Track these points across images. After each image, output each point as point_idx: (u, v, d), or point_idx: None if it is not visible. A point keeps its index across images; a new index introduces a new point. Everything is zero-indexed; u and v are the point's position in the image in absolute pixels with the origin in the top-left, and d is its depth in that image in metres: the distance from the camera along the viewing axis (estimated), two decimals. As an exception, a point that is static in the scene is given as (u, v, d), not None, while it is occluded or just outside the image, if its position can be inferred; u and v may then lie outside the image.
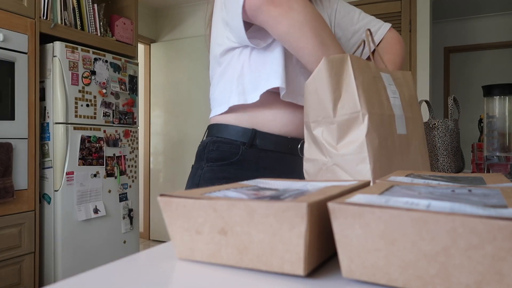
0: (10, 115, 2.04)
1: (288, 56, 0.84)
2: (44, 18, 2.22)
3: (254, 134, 0.84)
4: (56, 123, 2.24)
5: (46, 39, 2.30)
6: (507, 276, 0.24)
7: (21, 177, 2.08)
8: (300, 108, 0.85)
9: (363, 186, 0.45)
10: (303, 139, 0.86)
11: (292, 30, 0.73)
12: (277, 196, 0.36)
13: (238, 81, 0.84)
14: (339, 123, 0.74)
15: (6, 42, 2.01)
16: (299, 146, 0.87)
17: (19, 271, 2.08)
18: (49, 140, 2.26)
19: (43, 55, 2.26)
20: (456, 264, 0.26)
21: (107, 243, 2.49)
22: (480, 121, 1.59)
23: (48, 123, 2.27)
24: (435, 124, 1.13)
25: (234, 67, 0.85)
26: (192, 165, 0.92)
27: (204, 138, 0.93)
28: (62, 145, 2.24)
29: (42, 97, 2.28)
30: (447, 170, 1.16)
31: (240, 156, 0.84)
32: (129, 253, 2.68)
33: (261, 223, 0.32)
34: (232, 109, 0.86)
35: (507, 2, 3.98)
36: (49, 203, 2.25)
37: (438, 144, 1.15)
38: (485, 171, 1.09)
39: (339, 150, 0.74)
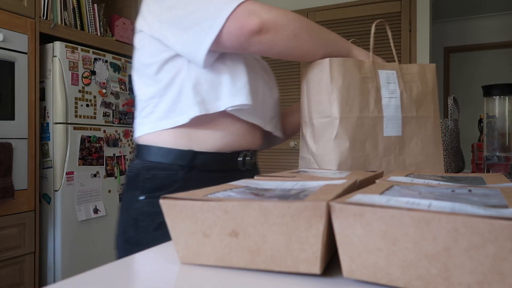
0: (10, 115, 2.03)
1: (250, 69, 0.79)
2: (44, 18, 2.22)
3: (193, 155, 0.76)
4: (56, 123, 2.24)
5: (46, 39, 2.29)
6: (509, 276, 0.24)
7: (21, 177, 2.08)
8: (237, 118, 0.79)
9: (354, 185, 0.45)
10: (243, 150, 0.82)
11: (289, 46, 0.73)
12: (285, 196, 0.36)
13: (195, 90, 0.74)
14: (317, 125, 0.79)
15: (6, 42, 2.00)
16: (239, 159, 0.81)
17: (19, 271, 2.08)
18: (49, 140, 2.26)
19: (43, 55, 2.26)
20: (457, 264, 0.25)
21: (107, 243, 2.49)
22: (480, 121, 1.59)
23: (48, 123, 2.27)
24: (435, 124, 1.13)
25: (184, 77, 0.75)
26: (124, 191, 0.82)
27: (134, 160, 0.82)
28: (62, 145, 2.24)
29: (42, 97, 2.28)
30: (447, 170, 1.16)
31: (181, 183, 0.75)
32: (129, 253, 2.67)
33: (276, 224, 0.31)
34: (161, 128, 0.77)
35: (507, 2, 3.98)
36: (49, 203, 2.25)
37: (438, 144, 1.15)
38: (485, 171, 1.09)
39: (316, 150, 0.80)
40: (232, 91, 0.75)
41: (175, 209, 0.35)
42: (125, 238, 0.77)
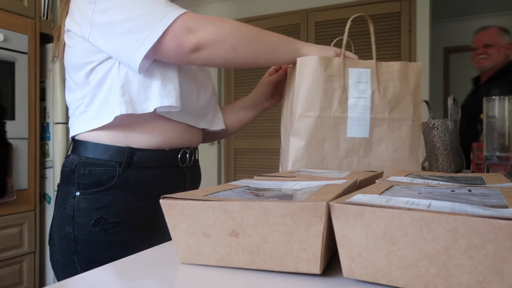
0: (10, 115, 2.03)
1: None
2: (45, 18, 2.22)
3: (130, 152, 0.77)
4: (56, 123, 2.24)
5: (46, 39, 2.29)
6: (508, 276, 0.24)
7: (21, 177, 2.08)
8: (170, 118, 0.81)
9: (353, 185, 0.45)
10: (183, 148, 0.84)
11: (228, 59, 0.74)
12: (285, 196, 0.36)
13: (123, 89, 0.74)
14: (286, 123, 0.82)
15: (6, 42, 2.00)
16: (179, 156, 0.83)
17: (19, 271, 2.08)
18: (49, 140, 2.26)
19: (44, 55, 2.26)
20: (457, 264, 0.26)
21: (107, 243, 2.49)
22: (480, 121, 1.59)
23: (48, 123, 2.27)
24: (434, 124, 1.13)
25: (113, 77, 0.75)
26: (58, 186, 0.83)
27: (69, 154, 0.83)
28: (62, 145, 2.24)
29: (42, 97, 2.28)
30: (447, 170, 1.16)
31: (118, 179, 0.76)
32: (129, 253, 2.67)
33: (276, 224, 0.31)
34: (94, 127, 0.78)
35: (507, 2, 3.98)
36: (49, 203, 2.25)
37: (437, 144, 1.15)
38: (485, 171, 1.09)
39: (283, 147, 0.84)
40: (161, 93, 0.75)
41: (175, 209, 0.35)
42: (62, 234, 0.77)
